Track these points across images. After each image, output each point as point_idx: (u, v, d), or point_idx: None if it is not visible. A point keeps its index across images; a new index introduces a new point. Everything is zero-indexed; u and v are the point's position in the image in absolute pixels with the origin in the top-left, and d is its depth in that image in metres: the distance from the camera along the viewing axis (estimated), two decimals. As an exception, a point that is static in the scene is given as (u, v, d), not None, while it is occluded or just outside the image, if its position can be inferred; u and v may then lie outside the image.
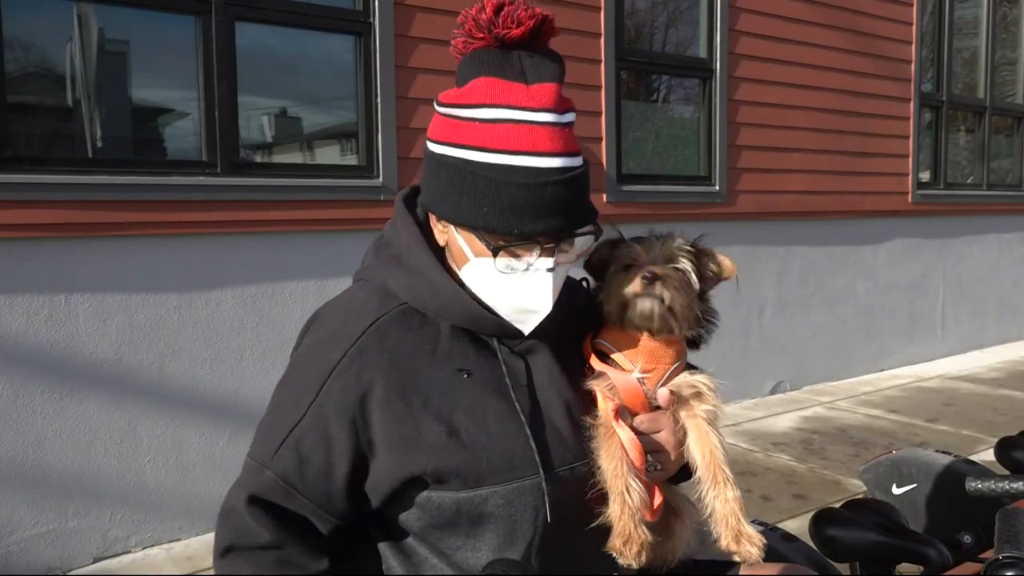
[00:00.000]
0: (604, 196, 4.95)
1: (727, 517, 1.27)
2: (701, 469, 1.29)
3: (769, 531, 1.86)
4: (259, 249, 3.76)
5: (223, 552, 1.26)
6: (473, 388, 1.24)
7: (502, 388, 1.25)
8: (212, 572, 1.22)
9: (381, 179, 4.08)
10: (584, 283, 1.42)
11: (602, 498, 1.24)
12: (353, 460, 1.21)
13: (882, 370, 6.75)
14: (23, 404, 3.23)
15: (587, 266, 1.38)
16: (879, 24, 6.44)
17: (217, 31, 3.62)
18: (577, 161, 1.21)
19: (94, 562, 3.38)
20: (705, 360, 1.39)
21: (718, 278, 1.34)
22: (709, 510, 1.28)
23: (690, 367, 1.36)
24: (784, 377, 6.05)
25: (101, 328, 3.38)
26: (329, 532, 1.26)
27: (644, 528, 1.23)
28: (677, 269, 1.28)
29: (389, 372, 1.21)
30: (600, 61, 4.93)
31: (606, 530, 1.26)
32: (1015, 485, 1.69)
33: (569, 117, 1.22)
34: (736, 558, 1.26)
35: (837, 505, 1.92)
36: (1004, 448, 2.21)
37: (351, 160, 4.21)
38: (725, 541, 1.26)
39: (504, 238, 1.19)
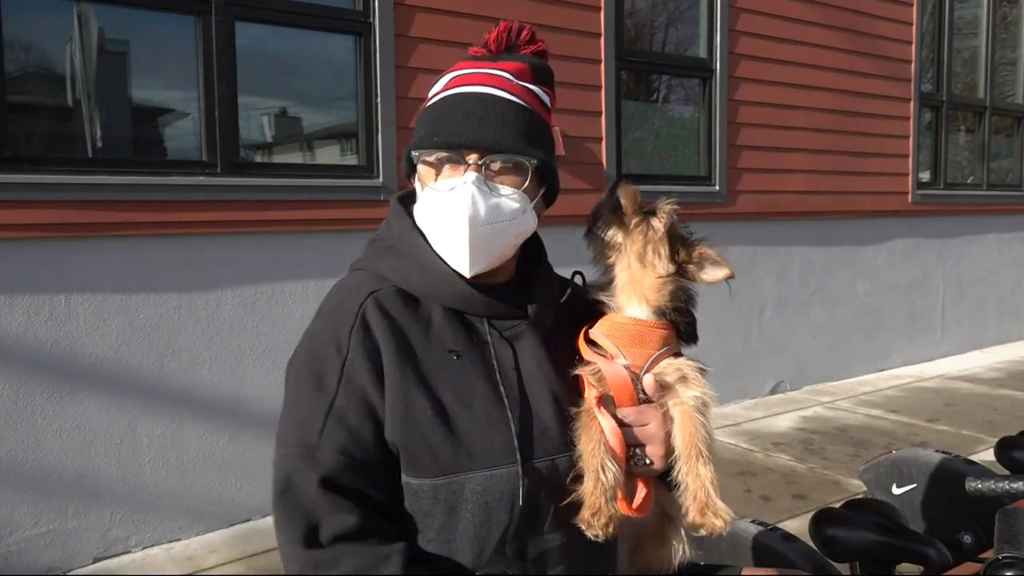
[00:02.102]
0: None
1: (696, 491, 1.25)
2: (679, 449, 1.28)
3: (769, 531, 1.87)
4: (259, 249, 3.76)
5: (307, 541, 1.20)
6: (462, 370, 1.26)
7: (489, 373, 1.27)
8: (212, 572, 1.21)
9: (381, 179, 4.08)
10: (579, 276, 1.43)
11: (579, 480, 1.24)
12: None
13: (882, 370, 6.75)
14: (23, 404, 3.23)
15: (591, 217, 1.41)
16: (879, 24, 6.44)
17: (217, 31, 3.62)
18: (518, 100, 1.29)
19: (94, 562, 3.38)
20: (706, 360, 1.39)
21: (690, 262, 1.34)
22: (682, 486, 1.27)
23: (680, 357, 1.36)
24: (784, 377, 6.05)
25: (101, 328, 3.38)
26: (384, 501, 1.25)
27: (615, 505, 1.22)
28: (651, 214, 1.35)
29: (388, 339, 1.24)
30: (600, 61, 4.93)
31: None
32: (1015, 485, 1.69)
33: (529, 85, 1.32)
34: (702, 532, 1.25)
35: (837, 505, 1.92)
36: (1004, 448, 2.21)
37: (351, 160, 4.21)
38: (691, 515, 1.24)
39: (429, 150, 1.27)
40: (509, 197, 1.27)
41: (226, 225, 3.64)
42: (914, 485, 2.21)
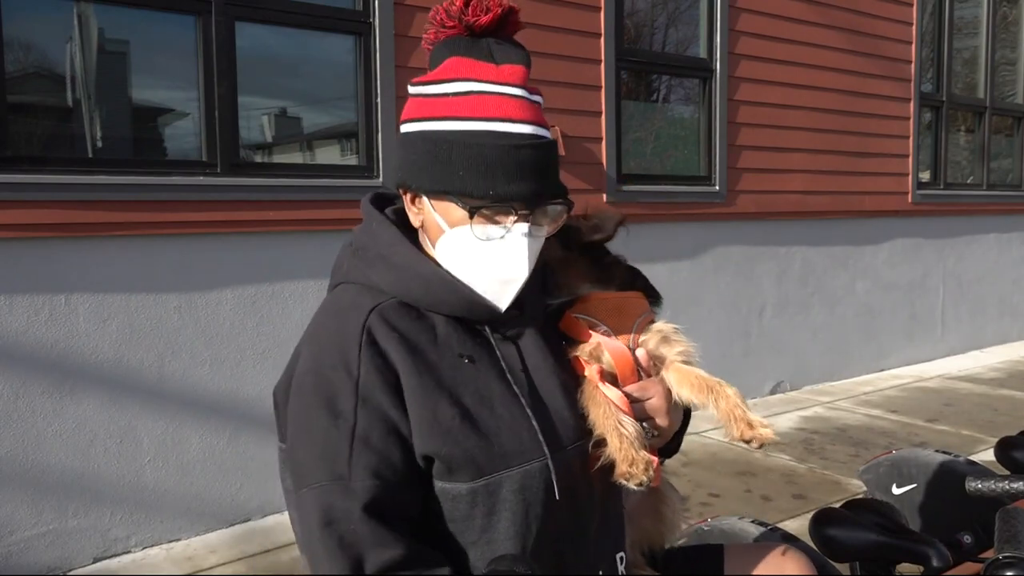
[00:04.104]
0: (604, 196, 4.95)
1: (732, 410, 1.32)
2: (694, 393, 1.34)
3: (769, 531, 1.87)
4: (259, 249, 3.76)
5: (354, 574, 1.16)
6: (476, 373, 1.25)
7: (501, 373, 1.27)
8: (212, 572, 1.20)
9: (381, 179, 4.08)
10: None
11: (601, 444, 1.26)
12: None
13: (882, 370, 6.75)
14: (23, 404, 3.23)
15: None
16: (879, 24, 6.44)
17: (217, 31, 3.62)
18: (547, 134, 1.27)
19: (94, 562, 3.38)
20: (706, 360, 1.42)
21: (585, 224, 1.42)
22: (714, 413, 1.32)
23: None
24: (784, 377, 6.05)
25: (101, 328, 3.38)
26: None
27: (645, 452, 1.25)
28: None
29: (401, 351, 1.21)
30: (600, 61, 4.93)
31: (613, 504, 1.32)
32: (1015, 485, 1.69)
33: (537, 98, 1.29)
34: (753, 444, 1.30)
35: (837, 505, 1.92)
36: (1004, 448, 2.21)
37: (351, 160, 4.21)
38: (738, 431, 1.30)
39: (480, 200, 1.21)
40: (544, 234, 1.29)
41: (226, 225, 3.64)
42: (914, 485, 2.21)
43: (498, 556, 1.16)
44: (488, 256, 1.24)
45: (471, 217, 1.22)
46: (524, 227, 1.23)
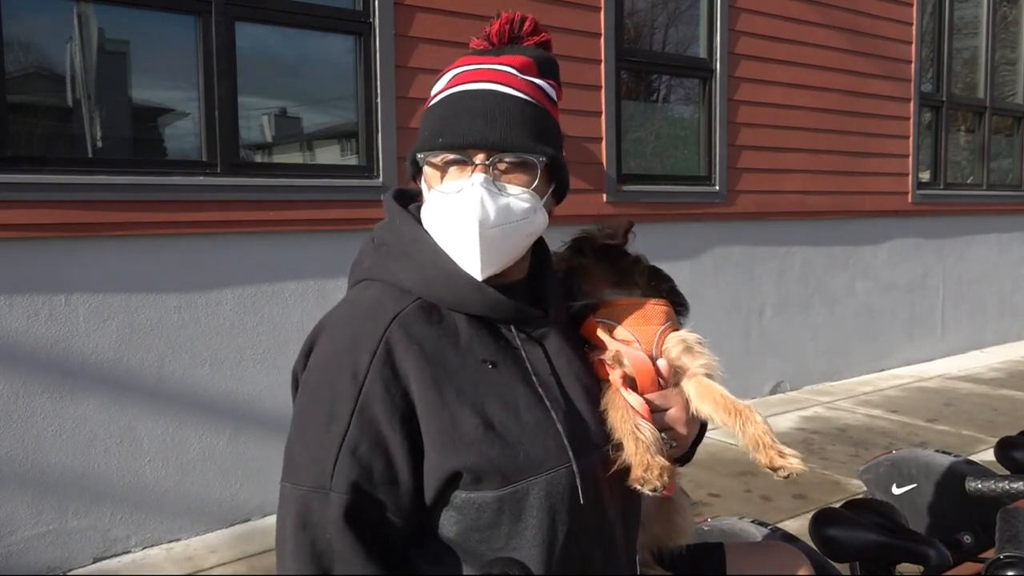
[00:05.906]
0: (604, 196, 4.95)
1: (760, 437, 1.31)
2: (719, 413, 1.32)
3: (769, 531, 1.87)
4: (259, 249, 3.76)
5: None
6: (500, 379, 1.22)
7: (526, 377, 1.25)
8: (212, 572, 1.20)
9: (381, 179, 4.08)
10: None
11: (620, 448, 1.26)
12: (413, 459, 1.18)
13: (882, 370, 6.75)
14: (23, 404, 3.23)
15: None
16: (879, 24, 6.44)
17: (217, 31, 3.62)
18: (524, 96, 1.27)
19: (94, 562, 3.38)
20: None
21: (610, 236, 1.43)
22: (741, 439, 1.32)
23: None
24: (784, 377, 6.05)
25: (101, 328, 3.38)
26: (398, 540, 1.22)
27: (661, 457, 1.24)
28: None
29: (420, 364, 1.19)
30: (600, 61, 4.93)
31: (633, 507, 1.31)
32: (1015, 485, 1.69)
33: (536, 80, 1.30)
34: (780, 473, 1.31)
35: (837, 505, 1.92)
36: (1004, 448, 2.20)
37: (351, 160, 4.21)
38: (766, 458, 1.30)
39: (434, 151, 1.25)
40: (519, 197, 1.24)
41: (226, 225, 3.64)
42: (914, 485, 2.21)
43: (492, 559, 1.15)
44: (451, 211, 1.23)
45: (423, 166, 1.27)
46: (480, 177, 1.21)
